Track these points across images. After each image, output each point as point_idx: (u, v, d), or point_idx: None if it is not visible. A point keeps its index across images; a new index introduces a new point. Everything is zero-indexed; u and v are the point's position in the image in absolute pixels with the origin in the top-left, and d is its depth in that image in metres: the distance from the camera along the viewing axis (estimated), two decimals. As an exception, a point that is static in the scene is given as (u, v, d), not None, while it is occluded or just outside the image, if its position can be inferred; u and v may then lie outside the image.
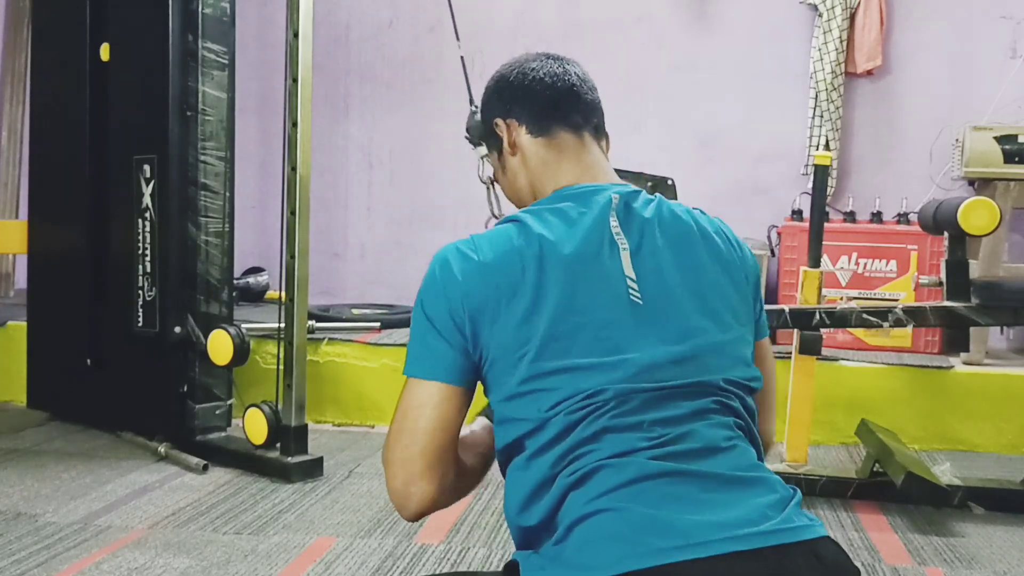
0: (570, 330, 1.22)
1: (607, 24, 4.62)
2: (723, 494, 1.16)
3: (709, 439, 1.20)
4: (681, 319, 1.25)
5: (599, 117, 1.45)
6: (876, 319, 2.87)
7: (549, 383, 1.20)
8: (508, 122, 1.42)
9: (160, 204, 3.29)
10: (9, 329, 4.04)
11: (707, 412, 1.23)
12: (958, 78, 4.32)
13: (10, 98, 4.89)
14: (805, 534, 1.16)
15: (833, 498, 2.94)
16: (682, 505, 1.14)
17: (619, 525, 1.12)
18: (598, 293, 1.24)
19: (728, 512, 1.14)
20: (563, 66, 1.43)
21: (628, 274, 1.25)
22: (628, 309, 1.24)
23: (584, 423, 1.19)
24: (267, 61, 4.76)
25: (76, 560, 2.38)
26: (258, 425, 3.13)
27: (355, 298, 4.85)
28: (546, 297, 1.22)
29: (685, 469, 1.17)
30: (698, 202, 1.40)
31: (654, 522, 1.12)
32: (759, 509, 1.16)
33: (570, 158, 1.39)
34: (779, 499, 1.19)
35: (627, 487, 1.15)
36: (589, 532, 1.13)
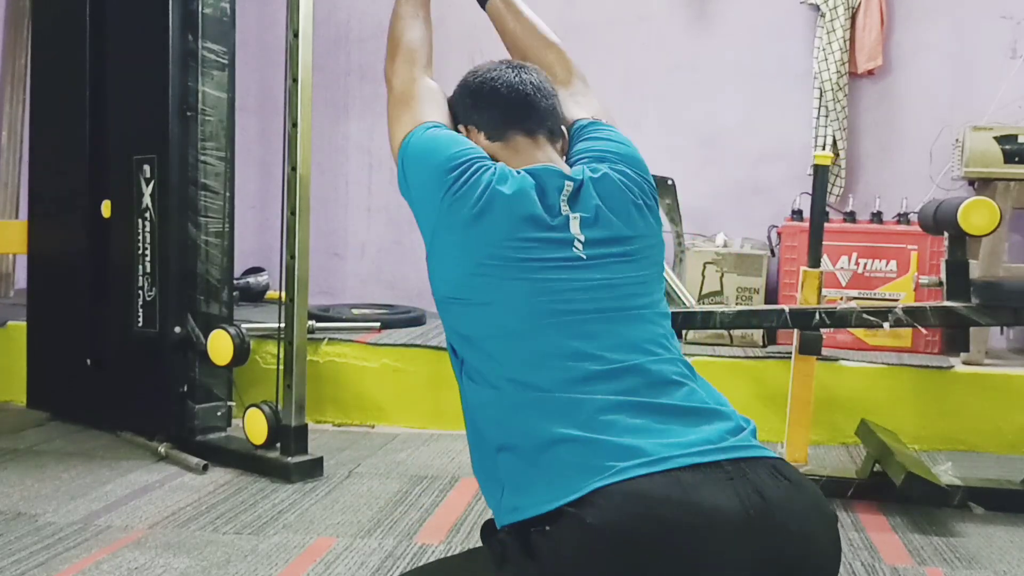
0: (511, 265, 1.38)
1: (607, 24, 4.62)
2: (680, 420, 1.29)
3: (660, 372, 1.34)
4: (614, 268, 1.41)
5: (554, 121, 1.58)
6: (876, 319, 2.86)
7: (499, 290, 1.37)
8: (469, 128, 1.59)
9: (160, 204, 3.29)
10: (9, 329, 4.04)
11: (651, 341, 1.37)
12: (958, 78, 4.32)
13: (10, 98, 4.89)
14: (762, 452, 1.27)
15: (833, 498, 2.94)
16: (643, 432, 1.25)
17: (584, 453, 1.24)
18: (547, 243, 1.39)
19: (687, 436, 1.25)
20: (520, 75, 1.57)
21: (576, 234, 1.41)
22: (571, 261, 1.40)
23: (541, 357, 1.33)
24: (267, 61, 4.76)
25: (76, 560, 2.38)
26: (258, 425, 3.13)
27: (355, 298, 4.84)
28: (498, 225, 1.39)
29: (643, 402, 1.29)
30: (698, 202, 1.46)
31: (616, 447, 1.22)
32: (716, 433, 1.27)
33: (525, 156, 1.52)
34: (735, 426, 1.30)
35: (591, 418, 1.26)
36: (555, 460, 1.25)
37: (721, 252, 4.00)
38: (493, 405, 1.36)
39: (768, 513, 1.18)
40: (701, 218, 4.31)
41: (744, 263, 3.97)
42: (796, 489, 1.23)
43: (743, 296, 3.96)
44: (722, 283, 3.97)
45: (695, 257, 3.98)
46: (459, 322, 1.42)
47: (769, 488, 1.20)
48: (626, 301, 1.40)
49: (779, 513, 1.19)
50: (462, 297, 1.40)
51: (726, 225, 4.31)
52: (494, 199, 1.39)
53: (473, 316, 1.39)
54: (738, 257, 3.98)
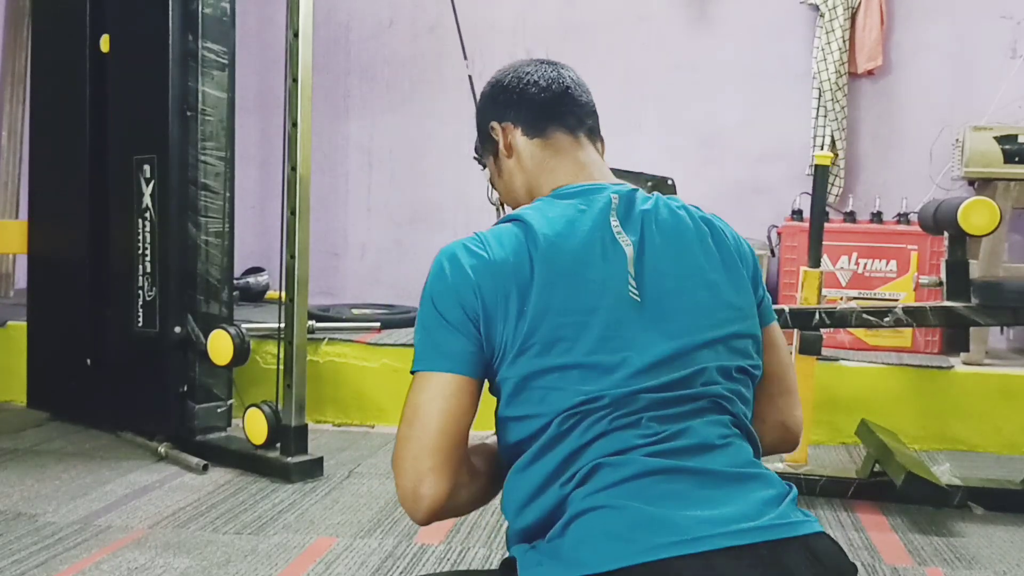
0: (573, 327, 1.22)
1: (607, 24, 4.62)
2: (719, 490, 1.17)
3: (704, 436, 1.21)
4: (678, 317, 1.25)
5: (594, 120, 1.46)
6: (876, 319, 2.87)
7: (550, 381, 1.21)
8: (503, 125, 1.43)
9: (160, 204, 3.29)
10: (9, 329, 4.04)
11: (703, 410, 1.23)
12: (958, 78, 4.32)
13: (10, 98, 4.89)
14: (801, 529, 1.16)
15: (833, 498, 2.94)
16: (678, 502, 1.14)
17: (615, 522, 1.13)
18: (601, 292, 1.24)
19: (723, 508, 1.14)
20: (557, 71, 1.45)
21: (629, 271, 1.25)
22: (629, 308, 1.24)
23: (584, 424, 1.19)
24: (267, 61, 4.76)
25: (76, 560, 2.38)
26: (258, 425, 3.13)
27: (355, 298, 4.85)
28: (551, 295, 1.22)
29: (681, 466, 1.18)
30: (698, 202, 1.40)
31: (650, 519, 1.12)
32: (755, 505, 1.16)
33: (566, 157, 1.40)
34: (775, 495, 1.19)
35: (624, 484, 1.16)
36: (586, 528, 1.14)
37: (721, 252, 3.99)
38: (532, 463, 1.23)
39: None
40: None
41: (744, 263, 3.96)
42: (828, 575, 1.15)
43: (743, 296, 3.95)
44: (722, 283, 3.96)
45: (695, 257, 3.97)
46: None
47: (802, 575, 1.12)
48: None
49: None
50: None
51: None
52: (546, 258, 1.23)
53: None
54: (738, 257, 3.97)
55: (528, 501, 1.21)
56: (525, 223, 1.28)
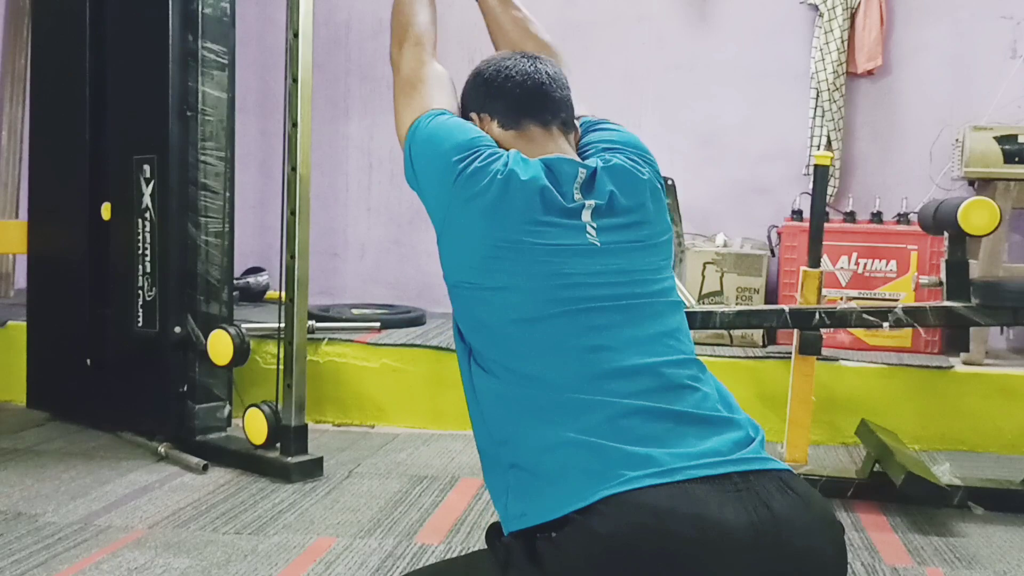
0: (526, 249, 1.36)
1: (607, 24, 4.62)
2: (692, 428, 1.27)
3: (673, 377, 1.31)
4: (629, 256, 1.40)
5: (568, 113, 1.55)
6: (876, 319, 2.87)
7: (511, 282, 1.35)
8: (482, 116, 1.55)
9: (160, 204, 3.29)
10: (9, 329, 4.04)
11: (664, 335, 1.36)
12: (958, 78, 4.32)
13: (10, 98, 4.88)
14: (771, 464, 1.25)
15: (833, 498, 2.94)
16: (654, 441, 1.23)
17: (593, 459, 1.22)
18: (562, 228, 1.37)
19: (698, 446, 1.24)
20: (535, 65, 1.55)
21: (588, 221, 1.39)
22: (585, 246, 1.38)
23: (556, 350, 1.31)
24: (267, 61, 4.76)
25: (76, 560, 2.38)
26: (258, 425, 3.13)
27: (355, 298, 4.85)
28: (514, 212, 1.37)
29: (656, 408, 1.27)
30: (698, 202, 1.45)
31: (627, 455, 1.21)
32: (726, 444, 1.26)
33: (538, 146, 1.49)
34: (745, 436, 1.29)
35: (601, 424, 1.25)
36: (564, 465, 1.24)
37: (721, 252, 4.00)
38: (501, 397, 1.34)
39: (775, 527, 1.17)
40: (701, 218, 4.31)
41: (744, 263, 3.97)
42: (804, 503, 1.21)
43: (743, 296, 3.96)
44: (722, 283, 3.97)
45: (695, 257, 3.98)
46: (470, 307, 1.39)
47: (777, 502, 1.19)
48: (642, 288, 1.38)
49: (786, 527, 1.18)
50: (475, 281, 1.37)
51: (726, 225, 4.32)
52: (509, 181, 1.37)
53: (485, 301, 1.36)
54: (738, 257, 3.98)
55: (499, 408, 1.34)
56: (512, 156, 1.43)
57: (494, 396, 1.35)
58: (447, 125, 1.49)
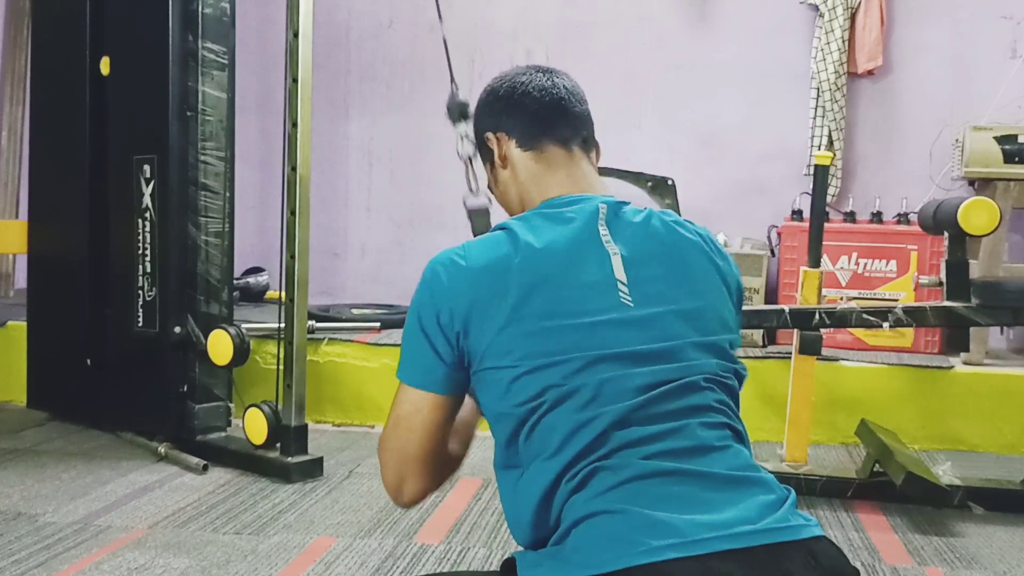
0: (558, 330, 1.23)
1: (607, 24, 4.62)
2: (718, 494, 1.18)
3: (702, 438, 1.22)
4: (669, 321, 1.27)
5: (588, 129, 1.47)
6: (876, 319, 2.87)
7: (540, 378, 1.22)
8: (498, 136, 1.45)
9: (160, 204, 3.29)
10: (9, 329, 4.04)
11: (699, 410, 1.24)
12: (958, 78, 4.32)
13: (10, 98, 4.89)
14: (801, 533, 1.16)
15: (833, 498, 2.94)
16: (678, 504, 1.15)
17: (616, 525, 1.14)
18: (587, 296, 1.25)
19: (724, 512, 1.15)
20: (552, 79, 1.46)
21: (619, 278, 1.27)
22: (618, 311, 1.25)
23: (584, 424, 1.20)
24: (267, 61, 4.76)
25: (76, 560, 2.38)
26: (258, 425, 3.13)
27: (355, 298, 4.85)
28: (533, 299, 1.24)
29: (681, 468, 1.18)
30: (698, 202, 1.42)
31: (650, 522, 1.13)
32: (754, 509, 1.17)
33: (558, 172, 1.41)
34: (775, 499, 1.20)
35: (623, 487, 1.16)
36: (587, 532, 1.15)
37: (721, 252, 3.99)
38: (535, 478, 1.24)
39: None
40: (701, 218, 4.23)
41: (744, 263, 3.97)
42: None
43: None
44: (722, 283, 3.96)
45: (695, 257, 3.97)
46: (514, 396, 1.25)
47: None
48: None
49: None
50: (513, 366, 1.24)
51: (726, 225, 4.31)
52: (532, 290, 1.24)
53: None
54: (738, 257, 3.98)
55: (539, 510, 1.23)
56: (511, 231, 1.31)
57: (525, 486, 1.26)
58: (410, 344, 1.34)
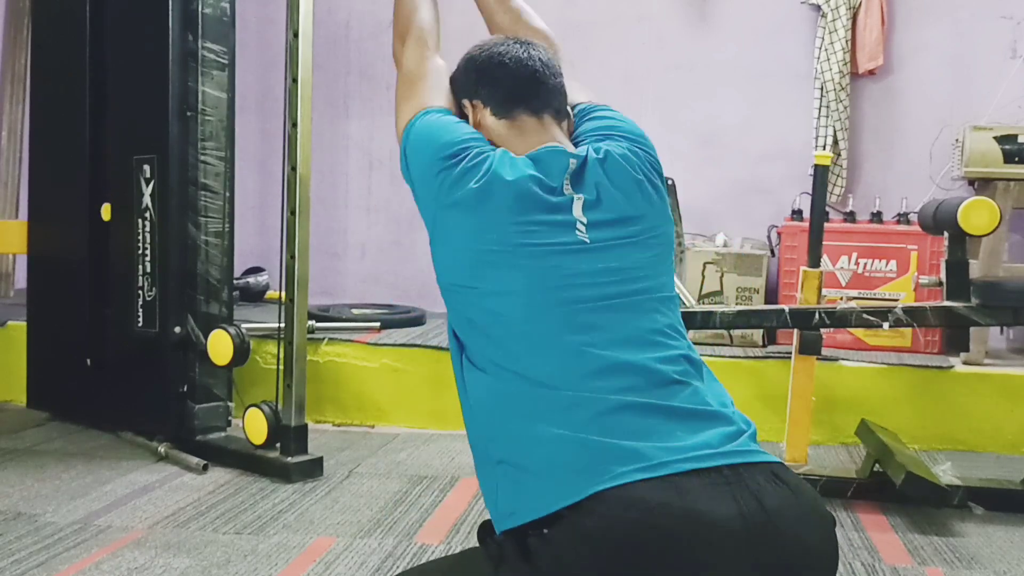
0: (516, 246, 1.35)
1: (607, 24, 4.62)
2: (682, 423, 1.26)
3: (664, 373, 1.30)
4: (621, 251, 1.38)
5: (560, 101, 1.54)
6: (876, 319, 2.87)
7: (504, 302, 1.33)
8: (474, 103, 1.54)
9: (160, 204, 3.29)
10: (9, 329, 4.04)
11: (656, 341, 1.34)
12: (958, 78, 4.32)
13: (10, 98, 4.88)
14: (761, 457, 1.25)
15: (833, 498, 2.94)
16: (643, 435, 1.23)
17: (583, 455, 1.22)
18: (550, 227, 1.36)
19: (687, 440, 1.23)
20: (528, 51, 1.54)
21: (579, 217, 1.37)
22: (577, 249, 1.36)
23: (546, 343, 1.31)
24: (267, 61, 4.76)
25: (76, 560, 2.38)
26: (258, 425, 3.13)
27: (355, 298, 4.85)
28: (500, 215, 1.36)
29: (645, 403, 1.26)
30: (698, 202, 1.45)
31: (616, 450, 1.21)
32: (716, 437, 1.25)
33: (530, 137, 1.48)
34: (735, 431, 1.28)
35: (592, 420, 1.25)
36: (552, 461, 1.24)
37: (721, 252, 4.00)
38: (491, 394, 1.33)
39: (766, 519, 1.17)
40: (701, 218, 4.31)
41: (744, 263, 3.97)
42: (794, 494, 1.22)
43: (743, 296, 3.96)
44: (722, 283, 3.97)
45: (695, 257, 3.98)
46: (462, 308, 1.39)
47: (767, 494, 1.19)
48: (630, 286, 1.37)
49: (776, 519, 1.18)
50: (465, 284, 1.37)
51: (726, 225, 4.32)
52: (494, 183, 1.37)
53: (476, 302, 1.36)
54: (738, 257, 3.98)
55: (492, 406, 1.33)
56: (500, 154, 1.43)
57: (484, 393, 1.35)
58: (440, 123, 1.49)
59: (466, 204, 1.37)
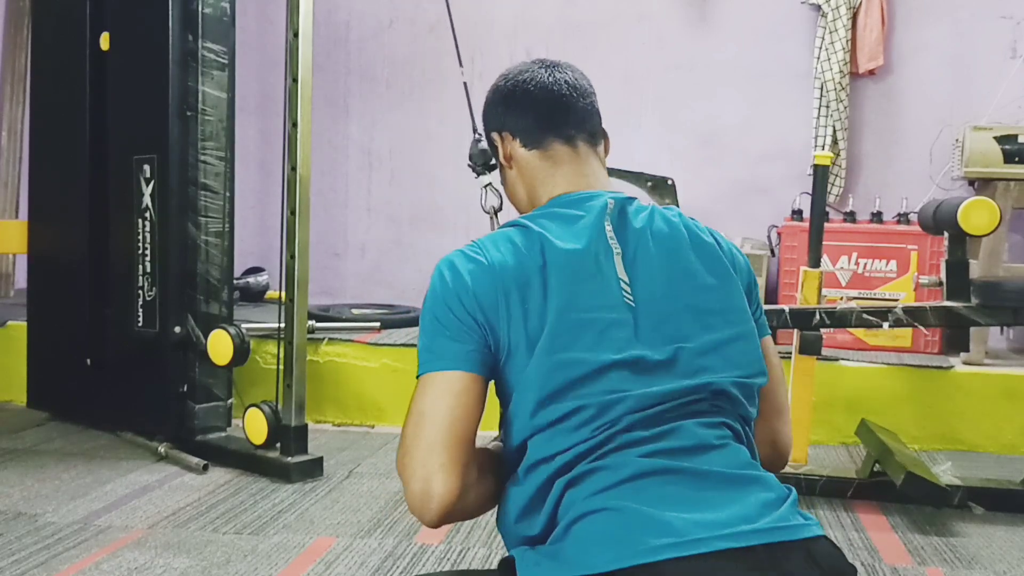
0: (574, 326, 1.23)
1: (607, 24, 4.62)
2: (717, 492, 1.17)
3: (701, 437, 1.21)
4: (671, 323, 1.26)
5: (593, 123, 1.45)
6: (876, 319, 2.87)
7: (553, 409, 1.20)
8: (503, 135, 1.44)
9: (160, 204, 3.29)
10: (9, 329, 4.04)
11: (698, 412, 1.23)
12: (958, 78, 4.32)
13: (10, 98, 4.89)
14: (800, 533, 1.16)
15: (833, 498, 2.94)
16: (677, 503, 1.14)
17: (614, 524, 1.13)
18: (598, 292, 1.25)
19: (723, 510, 1.14)
20: (554, 75, 1.44)
21: (621, 276, 1.27)
22: (623, 310, 1.25)
23: (588, 434, 1.19)
24: (267, 61, 4.76)
25: (76, 560, 2.38)
26: (258, 425, 3.13)
27: (355, 298, 4.85)
28: (552, 294, 1.24)
29: (679, 467, 1.18)
30: (698, 202, 1.42)
31: (649, 520, 1.12)
32: (753, 507, 1.16)
33: (565, 169, 1.41)
34: (774, 498, 1.19)
35: (623, 485, 1.16)
36: (585, 530, 1.14)
37: (721, 252, 3.99)
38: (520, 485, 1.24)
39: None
40: (701, 218, 4.21)
41: (744, 263, 3.97)
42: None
43: (743, 296, 3.95)
44: (722, 283, 3.96)
45: (695, 257, 3.97)
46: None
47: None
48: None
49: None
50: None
51: (726, 225, 4.31)
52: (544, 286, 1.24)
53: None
54: (738, 257, 3.98)
55: (528, 507, 1.22)
56: (523, 226, 1.30)
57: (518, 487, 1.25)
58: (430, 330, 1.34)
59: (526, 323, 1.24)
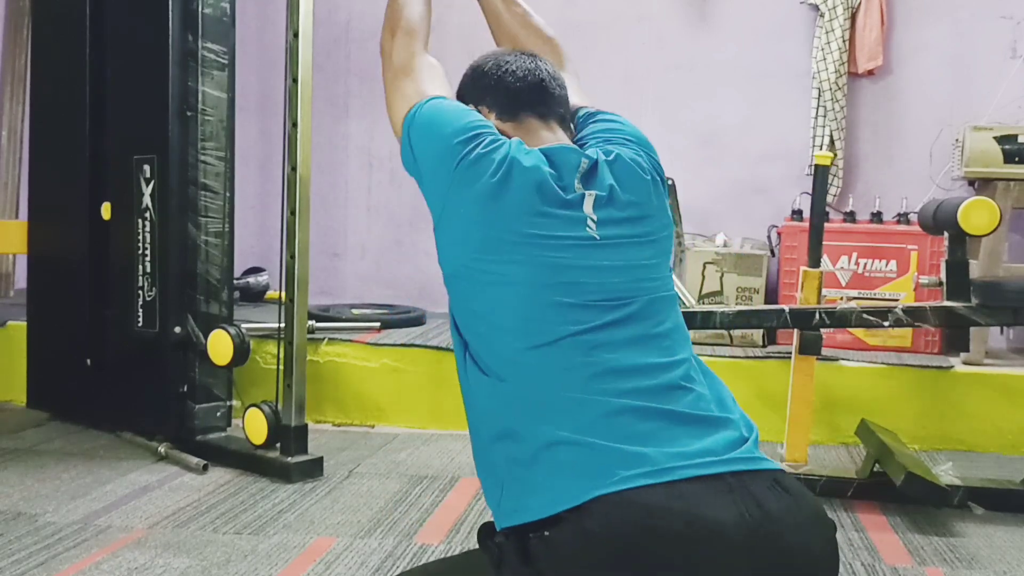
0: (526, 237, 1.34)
1: (607, 24, 4.62)
2: (686, 428, 1.27)
3: (669, 379, 1.31)
4: (627, 250, 1.39)
5: (565, 109, 1.56)
6: (876, 319, 2.87)
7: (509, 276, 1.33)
8: (480, 108, 1.53)
9: (160, 204, 3.29)
10: (9, 329, 4.04)
11: (658, 343, 1.34)
12: (958, 78, 4.32)
13: (10, 98, 4.89)
14: (764, 464, 1.26)
15: (833, 498, 2.94)
16: (648, 439, 1.23)
17: (588, 458, 1.22)
18: (561, 220, 1.36)
19: (691, 445, 1.24)
20: (535, 63, 1.55)
21: (590, 214, 1.37)
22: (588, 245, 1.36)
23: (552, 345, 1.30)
24: (267, 61, 4.76)
25: (76, 560, 2.38)
26: (258, 425, 3.13)
27: (355, 298, 4.85)
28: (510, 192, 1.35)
29: (649, 407, 1.27)
30: (698, 202, 1.45)
31: (621, 454, 1.21)
32: (721, 443, 1.26)
33: (536, 137, 1.49)
34: (739, 437, 1.29)
35: (597, 422, 1.25)
36: (558, 464, 1.24)
37: (721, 252, 4.00)
38: (494, 395, 1.33)
39: (767, 526, 1.17)
40: (701, 218, 4.31)
41: (744, 263, 3.97)
42: (796, 502, 1.22)
43: (743, 296, 3.96)
44: (722, 283, 3.97)
45: (695, 257, 3.98)
46: (466, 299, 1.38)
47: (769, 500, 1.19)
48: (639, 284, 1.37)
49: (778, 526, 1.18)
50: (471, 271, 1.35)
51: (726, 225, 4.32)
52: (512, 169, 1.35)
53: (481, 293, 1.35)
54: (738, 257, 3.98)
55: (497, 410, 1.33)
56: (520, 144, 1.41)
57: (489, 391, 1.34)
58: (448, 108, 1.47)
59: (481, 189, 1.35)
